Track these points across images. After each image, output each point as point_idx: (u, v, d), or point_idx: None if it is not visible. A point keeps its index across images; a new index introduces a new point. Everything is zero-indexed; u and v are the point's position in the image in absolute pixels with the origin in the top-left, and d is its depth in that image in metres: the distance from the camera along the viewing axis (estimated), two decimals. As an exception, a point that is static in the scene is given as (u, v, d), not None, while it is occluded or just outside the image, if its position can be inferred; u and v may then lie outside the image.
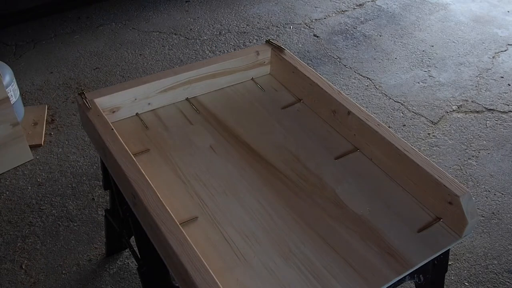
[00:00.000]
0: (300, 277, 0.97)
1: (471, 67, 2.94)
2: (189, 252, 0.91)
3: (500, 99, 2.68)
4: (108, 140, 1.14)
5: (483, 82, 2.82)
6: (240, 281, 0.96)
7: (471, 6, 3.57)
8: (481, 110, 2.60)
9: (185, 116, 1.37)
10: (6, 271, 1.77)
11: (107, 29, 3.21)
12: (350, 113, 1.26)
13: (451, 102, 2.66)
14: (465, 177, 2.20)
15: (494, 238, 1.94)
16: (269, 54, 1.50)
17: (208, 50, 3.02)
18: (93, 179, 2.13)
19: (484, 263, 1.85)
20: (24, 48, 3.03)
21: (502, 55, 3.05)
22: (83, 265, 1.80)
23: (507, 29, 3.31)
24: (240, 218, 1.09)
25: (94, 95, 1.28)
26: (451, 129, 2.47)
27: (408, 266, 1.00)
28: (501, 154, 2.33)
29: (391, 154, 1.17)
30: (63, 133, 2.38)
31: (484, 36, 3.23)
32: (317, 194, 1.15)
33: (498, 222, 2.00)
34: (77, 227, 1.93)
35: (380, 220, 1.09)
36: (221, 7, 3.48)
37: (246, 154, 1.25)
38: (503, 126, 2.50)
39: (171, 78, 1.37)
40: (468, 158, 2.30)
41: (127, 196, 1.13)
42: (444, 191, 1.06)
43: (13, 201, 2.03)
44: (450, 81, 2.82)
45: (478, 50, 3.10)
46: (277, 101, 1.43)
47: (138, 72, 2.81)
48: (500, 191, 2.14)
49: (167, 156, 1.24)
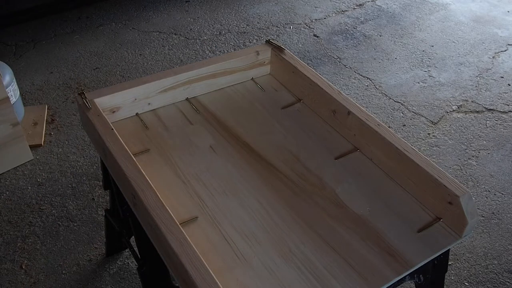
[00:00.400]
0: (300, 277, 0.97)
1: (471, 67, 2.94)
2: (189, 252, 0.91)
3: (500, 99, 2.68)
4: (108, 140, 1.14)
5: (483, 82, 2.82)
6: (240, 281, 0.96)
7: (471, 6, 3.57)
8: (481, 110, 2.60)
9: (185, 116, 1.37)
10: (6, 271, 1.77)
11: (107, 29, 3.21)
12: (350, 113, 1.26)
13: (451, 102, 2.66)
14: (465, 177, 2.20)
15: (494, 238, 1.94)
16: (269, 54, 1.50)
17: (208, 50, 3.02)
18: (93, 179, 2.13)
19: (484, 263, 1.85)
20: (24, 48, 3.03)
21: (502, 55, 3.05)
22: (83, 265, 1.80)
23: (507, 29, 3.31)
24: (240, 218, 1.09)
25: (94, 95, 1.28)
26: (451, 129, 2.47)
27: (408, 266, 1.00)
28: (501, 154, 2.33)
29: (391, 154, 1.17)
30: (63, 133, 2.38)
31: (484, 36, 3.23)
32: (317, 194, 1.15)
33: (498, 222, 2.00)
34: (77, 227, 1.93)
35: (380, 220, 1.09)
36: (221, 7, 3.48)
37: (246, 154, 1.25)
38: (503, 126, 2.50)
39: (171, 78, 1.37)
40: (468, 158, 2.30)
41: (127, 196, 1.13)
42: (444, 191, 1.05)
43: (13, 201, 2.03)
44: (450, 81, 2.82)
45: (478, 50, 3.10)
46: (277, 101, 1.43)
47: (138, 72, 2.81)
48: (500, 191, 2.14)
49: (167, 156, 1.24)
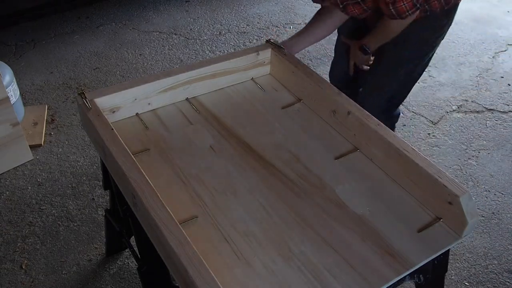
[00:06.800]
0: (300, 277, 0.97)
1: (471, 67, 2.94)
2: (189, 252, 0.91)
3: (500, 99, 2.68)
4: (108, 140, 1.14)
5: (483, 82, 2.82)
6: (240, 281, 0.96)
7: (471, 6, 3.57)
8: (481, 110, 2.60)
9: (185, 116, 1.37)
10: (6, 271, 1.77)
11: (107, 29, 3.21)
12: (350, 113, 1.26)
13: (451, 102, 2.66)
14: (465, 177, 2.20)
15: (494, 238, 1.94)
16: (269, 54, 1.50)
17: (208, 50, 3.02)
18: (93, 179, 2.13)
19: (484, 263, 1.85)
20: (24, 48, 3.03)
21: (502, 55, 3.05)
22: (83, 265, 1.80)
23: (507, 29, 3.31)
24: (240, 218, 1.09)
25: (94, 95, 1.28)
26: (451, 129, 2.47)
27: (408, 266, 1.00)
28: (501, 154, 2.33)
29: (391, 154, 1.17)
30: (63, 133, 2.38)
31: (484, 36, 3.23)
32: (317, 194, 1.15)
33: (498, 222, 2.00)
34: (77, 227, 1.93)
35: (380, 220, 1.09)
36: (221, 7, 3.48)
37: (246, 154, 1.25)
38: (503, 126, 2.50)
39: (171, 78, 1.37)
40: (468, 158, 2.30)
41: (127, 196, 1.13)
42: (444, 191, 1.05)
43: (13, 201, 2.03)
44: (450, 81, 2.82)
45: (478, 50, 3.10)
46: (277, 101, 1.43)
47: (138, 72, 2.81)
48: (500, 191, 2.14)
49: (167, 156, 1.24)
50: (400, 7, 1.43)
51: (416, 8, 1.45)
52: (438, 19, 1.60)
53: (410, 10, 1.44)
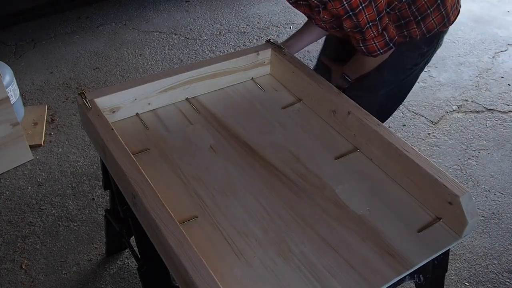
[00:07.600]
0: (300, 277, 0.97)
1: (471, 67, 2.94)
2: (189, 252, 0.91)
3: (500, 99, 2.68)
4: (108, 140, 1.14)
5: (483, 82, 2.82)
6: (240, 281, 0.96)
7: (471, 6, 3.57)
8: (481, 110, 2.60)
9: (185, 116, 1.37)
10: (6, 271, 1.77)
11: (107, 29, 3.21)
12: (350, 113, 1.26)
13: (451, 102, 2.66)
14: (465, 177, 2.20)
15: (494, 238, 1.94)
16: (269, 54, 1.50)
17: (208, 50, 3.02)
18: (93, 179, 2.13)
19: (484, 263, 1.85)
20: (24, 48, 3.03)
21: (502, 55, 3.05)
22: (83, 265, 1.80)
23: (507, 29, 3.31)
24: (240, 218, 1.09)
25: (94, 95, 1.28)
26: (451, 129, 2.47)
27: (408, 266, 1.00)
28: (501, 154, 2.33)
29: (391, 154, 1.17)
30: (63, 133, 2.38)
31: (484, 36, 3.23)
32: (317, 194, 1.15)
33: (498, 222, 2.00)
34: (77, 227, 1.93)
35: (380, 220, 1.09)
36: (221, 7, 3.48)
37: (246, 154, 1.25)
38: (503, 126, 2.50)
39: (171, 78, 1.37)
40: (468, 158, 2.30)
41: (127, 196, 1.13)
42: (444, 191, 1.05)
43: (13, 201, 2.03)
44: (450, 81, 2.82)
45: (478, 50, 3.10)
46: (277, 101, 1.43)
47: (138, 72, 2.81)
48: (500, 191, 2.14)
49: (167, 156, 1.24)
50: (370, 46, 1.33)
51: (389, 48, 1.35)
52: (418, 47, 1.49)
53: (382, 49, 1.34)
